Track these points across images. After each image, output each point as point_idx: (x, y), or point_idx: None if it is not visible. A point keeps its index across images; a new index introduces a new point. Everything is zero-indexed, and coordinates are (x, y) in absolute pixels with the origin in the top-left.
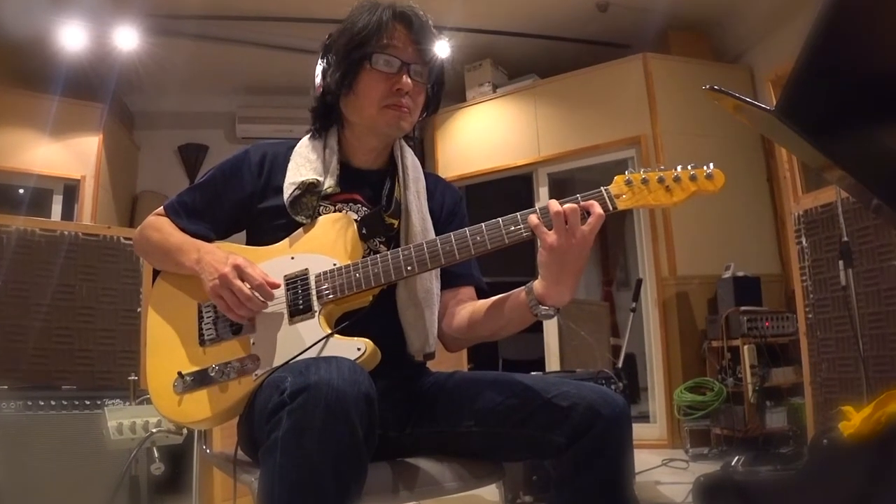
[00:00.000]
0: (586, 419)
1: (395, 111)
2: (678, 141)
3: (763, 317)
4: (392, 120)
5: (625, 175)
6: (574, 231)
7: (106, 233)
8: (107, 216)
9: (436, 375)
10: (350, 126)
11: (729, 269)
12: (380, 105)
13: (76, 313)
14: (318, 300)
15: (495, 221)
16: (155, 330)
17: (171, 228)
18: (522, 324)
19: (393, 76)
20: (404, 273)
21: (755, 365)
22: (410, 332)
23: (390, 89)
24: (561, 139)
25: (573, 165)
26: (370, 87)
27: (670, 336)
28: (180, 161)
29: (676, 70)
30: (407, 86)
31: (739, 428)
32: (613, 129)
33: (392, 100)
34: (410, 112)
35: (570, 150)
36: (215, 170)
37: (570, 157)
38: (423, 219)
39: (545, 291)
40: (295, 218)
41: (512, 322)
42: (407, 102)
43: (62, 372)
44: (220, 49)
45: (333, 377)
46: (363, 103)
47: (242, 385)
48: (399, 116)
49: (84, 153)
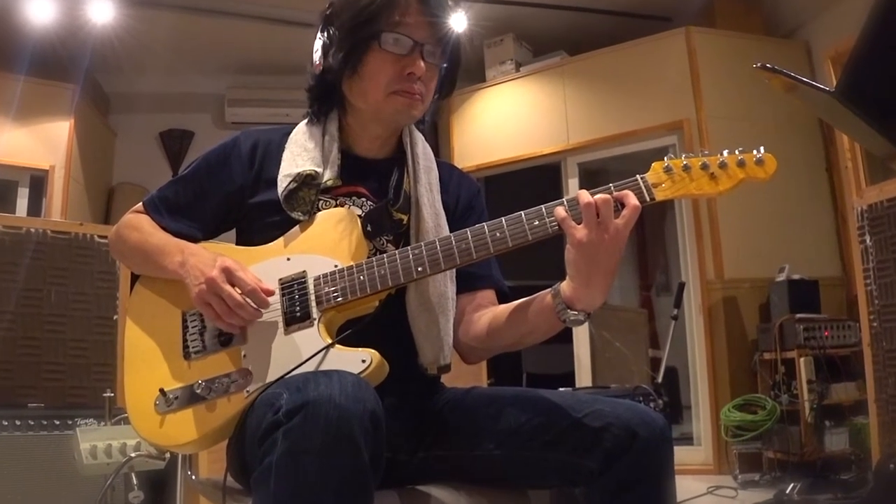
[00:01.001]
0: (622, 441)
1: (404, 98)
2: (725, 126)
3: (822, 325)
4: (401, 107)
5: (663, 161)
6: (606, 225)
7: (78, 230)
8: (79, 211)
9: (451, 392)
10: (353, 111)
11: (783, 271)
12: (387, 91)
13: (44, 322)
14: (317, 306)
15: (517, 215)
16: (134, 341)
17: (151, 227)
18: (549, 331)
19: (404, 58)
20: (415, 275)
21: (813, 380)
22: (423, 341)
23: (400, 73)
24: (593, 125)
25: (606, 154)
26: (378, 69)
27: (716, 347)
28: (162, 149)
29: (723, 46)
30: (420, 69)
31: (795, 451)
32: (652, 112)
33: (402, 85)
34: (422, 98)
35: (603, 137)
36: (201, 160)
37: (603, 144)
38: (436, 214)
39: (574, 294)
40: (291, 214)
41: (537, 329)
42: (419, 88)
43: (28, 388)
44: (207, 22)
45: (335, 393)
46: (369, 87)
47: (232, 403)
48: (409, 104)
49: (53, 140)
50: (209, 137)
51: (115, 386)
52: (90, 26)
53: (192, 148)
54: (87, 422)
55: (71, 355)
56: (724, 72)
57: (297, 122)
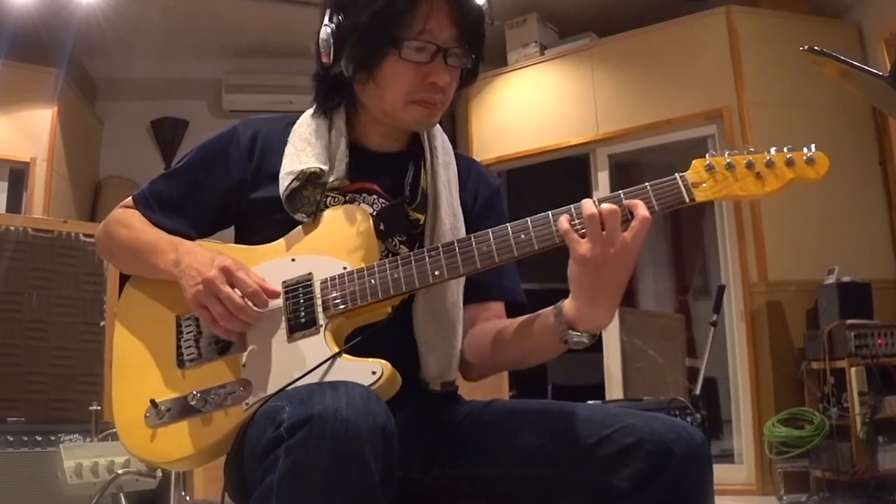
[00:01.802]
0: (656, 459)
1: (423, 108)
2: (768, 114)
3: (875, 332)
4: (420, 117)
5: (705, 159)
6: (612, 239)
7: (62, 228)
8: (63, 207)
9: (469, 405)
10: (364, 110)
11: (832, 273)
12: (405, 100)
13: (25, 328)
14: (323, 312)
15: (544, 215)
16: (123, 348)
17: (142, 224)
18: (553, 351)
19: (425, 66)
20: (431, 279)
21: (865, 392)
22: (428, 354)
23: (421, 82)
24: (624, 113)
25: (639, 145)
26: (396, 78)
27: (760, 356)
28: (154, 140)
29: (767, 26)
30: (443, 79)
31: (845, 470)
32: (689, 99)
33: (422, 95)
34: (443, 105)
35: (636, 127)
36: (196, 151)
37: (636, 134)
38: (454, 214)
39: (577, 314)
40: (293, 216)
41: (540, 349)
42: (439, 98)
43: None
44: (203, 0)
45: (342, 406)
46: (384, 95)
47: (230, 416)
48: (429, 114)
49: (34, 130)
50: (205, 127)
51: (103, 398)
52: (74, 5)
53: (186, 138)
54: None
55: (54, 365)
56: (768, 55)
57: (301, 111)
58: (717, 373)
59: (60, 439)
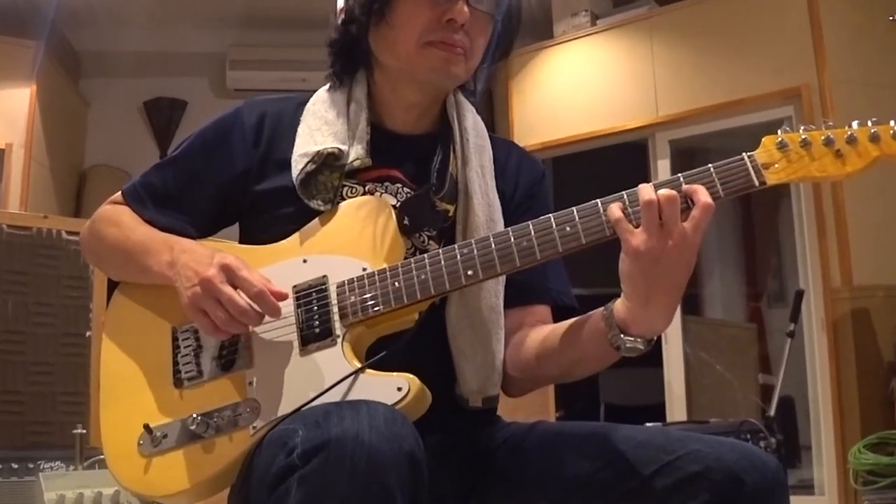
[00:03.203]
0: (724, 490)
1: (441, 50)
2: (854, 93)
3: None
4: (437, 63)
5: (777, 135)
6: (670, 229)
7: (41, 225)
8: (42, 201)
9: (510, 428)
10: (382, 70)
11: None
12: (421, 41)
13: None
14: (341, 321)
15: (592, 204)
16: (111, 365)
17: (133, 222)
18: (603, 360)
19: (442, 3)
20: (463, 280)
21: None
22: (465, 365)
23: (438, 20)
24: (688, 92)
25: (705, 129)
26: (410, 15)
27: (844, 372)
28: (147, 123)
29: None
30: (462, 15)
31: None
32: (763, 77)
33: (439, 35)
34: (466, 53)
35: (701, 108)
36: (195, 137)
37: (701, 117)
38: (489, 205)
39: (629, 315)
40: (308, 203)
41: (589, 357)
42: (460, 40)
43: None
44: None
45: (363, 430)
46: (398, 37)
47: (235, 442)
48: (447, 59)
49: (9, 111)
50: (206, 108)
51: (88, 421)
52: None
53: (184, 122)
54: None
55: (32, 382)
56: (853, 26)
57: (315, 90)
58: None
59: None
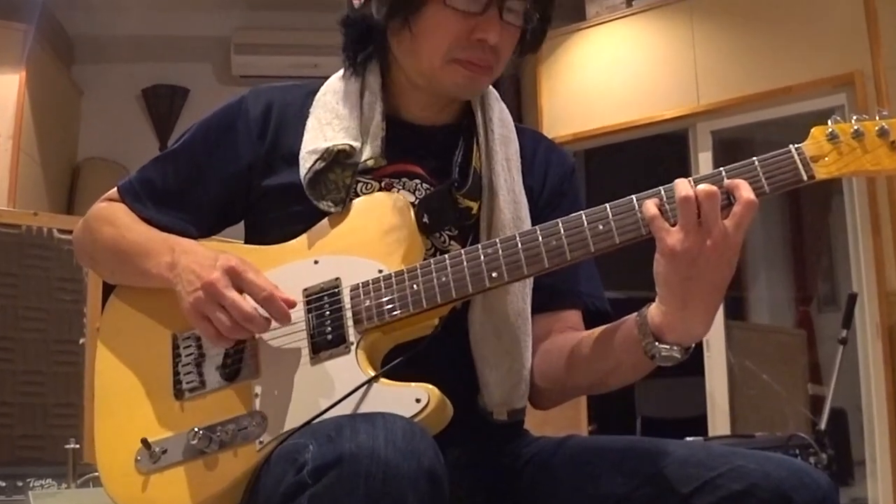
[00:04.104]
0: None
1: (467, 70)
2: None
3: None
4: (462, 80)
5: (827, 126)
6: (709, 228)
7: (31, 223)
8: (32, 197)
9: (538, 443)
10: (398, 67)
11: None
12: (447, 57)
13: None
14: (355, 326)
15: (627, 200)
16: (107, 375)
17: (130, 220)
18: (637, 370)
19: (474, 17)
20: (487, 283)
21: None
22: (489, 374)
23: (467, 38)
24: (731, 79)
25: (750, 119)
26: (437, 29)
27: None
28: (146, 113)
29: None
30: (494, 36)
31: None
32: (812, 63)
33: (466, 53)
34: (492, 69)
35: (746, 97)
36: (197, 128)
37: (745, 106)
38: (515, 202)
39: (664, 321)
40: (317, 204)
41: (622, 367)
42: (488, 59)
43: None
44: None
45: (379, 444)
46: (421, 49)
47: (241, 458)
48: (472, 78)
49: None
50: (209, 96)
51: (82, 434)
52: None
53: (185, 111)
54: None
55: (21, 393)
56: None
57: (328, 76)
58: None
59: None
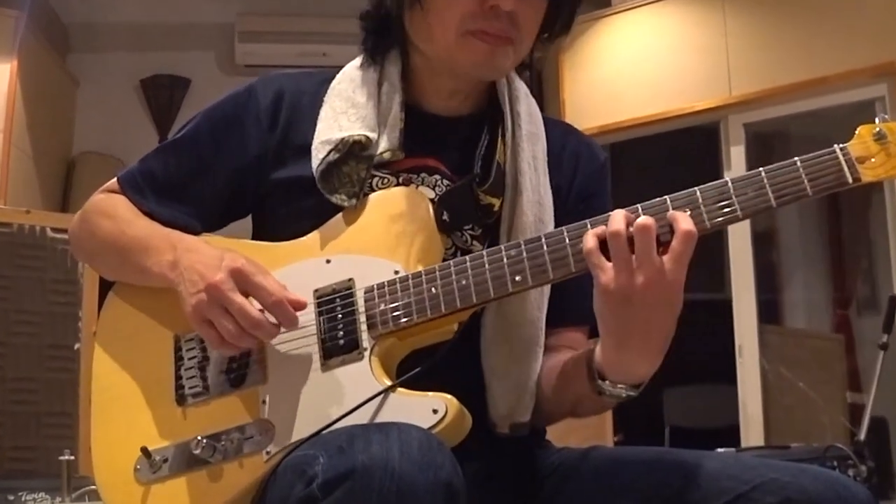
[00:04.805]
0: None
1: (483, 42)
2: None
3: None
4: (480, 57)
5: (874, 124)
6: (643, 263)
7: (23, 220)
8: (24, 193)
9: (561, 454)
10: (418, 54)
11: None
12: (460, 30)
13: None
14: (369, 331)
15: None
16: (105, 380)
17: (131, 214)
18: (597, 404)
19: None
20: (510, 287)
21: None
22: (496, 385)
23: (479, 6)
24: (765, 69)
25: (785, 111)
26: (447, 3)
27: None
28: (145, 104)
29: None
30: (508, 2)
31: None
32: (850, 52)
33: (480, 24)
34: (514, 42)
35: (780, 87)
36: (201, 119)
37: (780, 97)
38: (539, 203)
39: (604, 359)
40: (330, 198)
41: (582, 400)
42: (505, 29)
43: None
44: None
45: (394, 456)
46: (434, 25)
47: (246, 469)
48: (491, 52)
49: None
50: (212, 86)
51: (77, 445)
52: None
53: (186, 102)
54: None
55: (13, 401)
56: None
57: (338, 66)
58: (888, 411)
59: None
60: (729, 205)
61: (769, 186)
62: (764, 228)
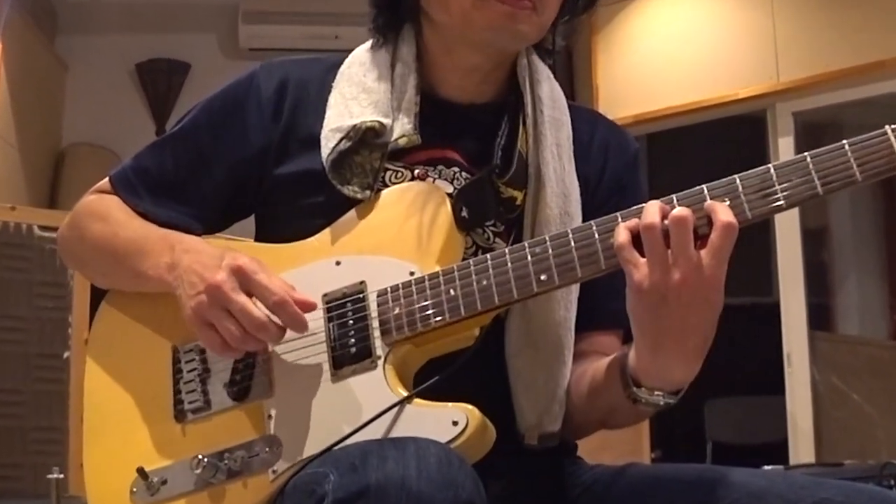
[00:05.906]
0: None
1: (502, 5)
2: None
3: None
4: (499, 20)
5: None
6: (678, 260)
7: (7, 218)
8: (10, 188)
9: (594, 472)
10: (433, 27)
11: None
12: None
13: None
14: (382, 338)
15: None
16: (98, 393)
17: (124, 215)
18: (630, 414)
19: None
20: (535, 287)
21: None
22: (523, 392)
23: None
24: (815, 54)
25: (837, 99)
26: None
27: None
28: (140, 91)
29: None
30: None
31: None
32: None
33: None
34: (535, 7)
35: (831, 73)
36: (201, 109)
37: (831, 83)
38: (565, 194)
39: (639, 364)
40: (342, 190)
41: (616, 409)
42: None
43: None
44: None
45: (410, 474)
46: None
47: (251, 490)
48: (510, 14)
49: None
50: (213, 72)
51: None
52: None
53: (186, 89)
54: None
55: None
56: None
57: (350, 49)
58: None
59: None
60: (771, 193)
61: (815, 172)
62: (815, 225)
